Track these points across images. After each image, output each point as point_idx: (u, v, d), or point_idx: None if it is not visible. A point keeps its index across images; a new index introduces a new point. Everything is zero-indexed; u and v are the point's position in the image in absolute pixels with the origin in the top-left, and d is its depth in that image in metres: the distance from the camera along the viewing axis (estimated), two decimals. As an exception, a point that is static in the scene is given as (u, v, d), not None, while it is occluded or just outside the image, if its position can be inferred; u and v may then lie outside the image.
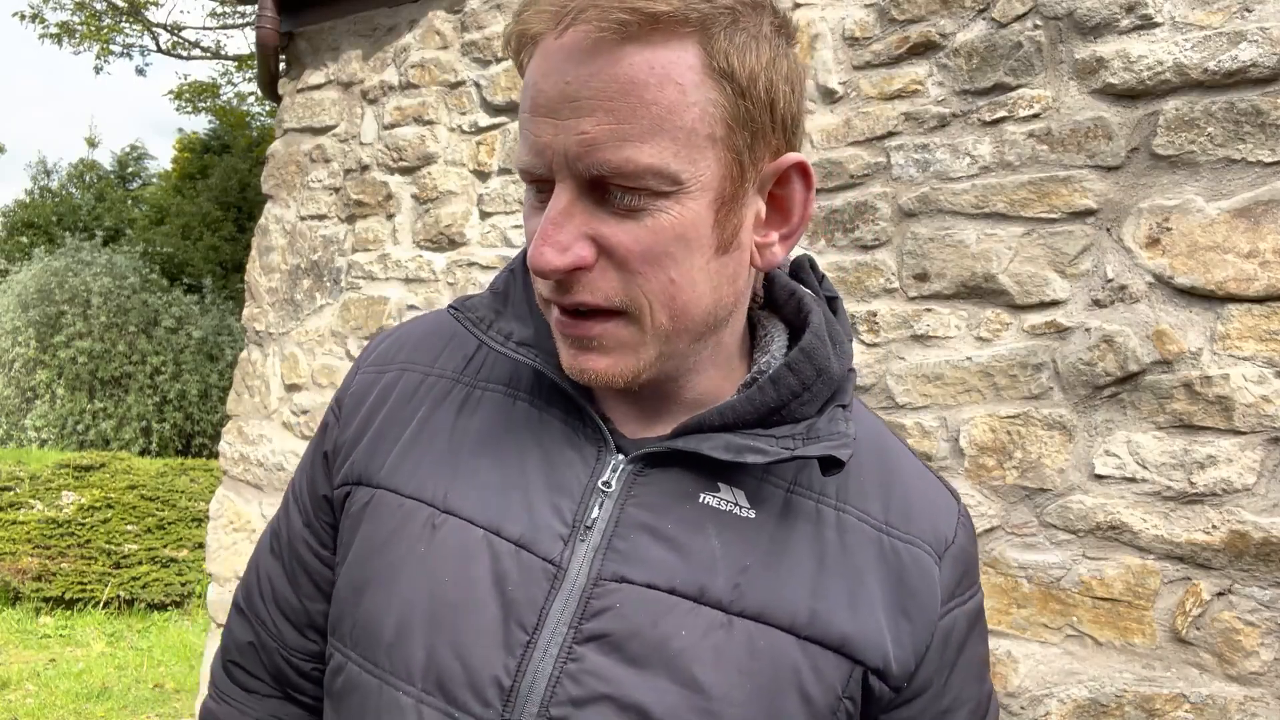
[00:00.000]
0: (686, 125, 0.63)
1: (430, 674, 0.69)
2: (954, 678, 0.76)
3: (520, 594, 0.69)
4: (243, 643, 0.90)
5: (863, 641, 0.70)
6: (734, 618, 0.69)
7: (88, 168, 20.55)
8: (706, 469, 0.72)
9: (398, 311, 3.29)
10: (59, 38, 14.18)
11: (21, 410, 11.38)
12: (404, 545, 0.73)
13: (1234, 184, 1.93)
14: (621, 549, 0.69)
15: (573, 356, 0.69)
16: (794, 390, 0.71)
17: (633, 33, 0.61)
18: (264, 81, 3.83)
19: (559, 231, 0.64)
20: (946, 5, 2.28)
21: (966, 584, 0.77)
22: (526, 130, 0.65)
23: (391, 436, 0.79)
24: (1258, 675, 1.85)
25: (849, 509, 0.74)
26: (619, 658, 0.67)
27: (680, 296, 0.66)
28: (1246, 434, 1.88)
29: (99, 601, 6.24)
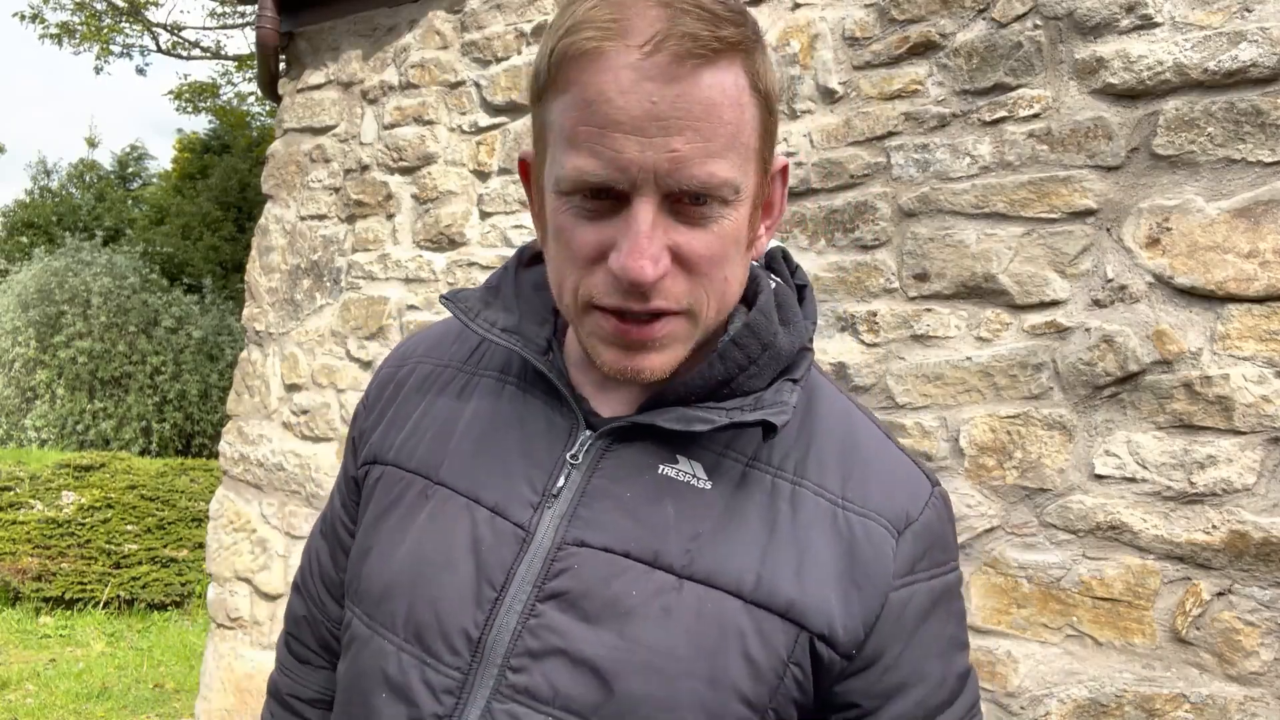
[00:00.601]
0: (744, 140, 0.71)
1: (410, 625, 0.77)
2: (910, 652, 0.77)
3: (492, 556, 0.76)
4: (298, 617, 1.02)
5: (808, 608, 0.74)
6: (684, 581, 0.74)
7: (88, 168, 20.54)
8: (669, 443, 0.78)
9: (397, 311, 3.29)
10: (59, 38, 14.18)
11: (21, 410, 11.38)
12: (400, 513, 0.83)
13: (1234, 184, 1.93)
14: (585, 516, 0.76)
15: (627, 359, 0.74)
16: (740, 364, 0.77)
17: (708, 58, 0.67)
18: (264, 81, 3.83)
19: (651, 245, 0.68)
20: (946, 5, 2.28)
21: (931, 561, 0.78)
22: (598, 145, 0.68)
23: (402, 420, 0.88)
24: (1258, 675, 1.85)
25: (806, 483, 0.78)
26: (574, 614, 0.73)
27: (728, 291, 0.75)
28: (1246, 434, 1.88)
29: (99, 601, 6.24)
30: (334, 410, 3.44)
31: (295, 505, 3.53)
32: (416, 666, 0.76)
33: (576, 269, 0.73)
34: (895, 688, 0.77)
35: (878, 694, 0.77)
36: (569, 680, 0.72)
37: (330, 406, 3.45)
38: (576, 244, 0.72)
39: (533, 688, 0.73)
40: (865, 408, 0.86)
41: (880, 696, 0.77)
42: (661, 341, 0.73)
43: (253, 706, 3.59)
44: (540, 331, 0.83)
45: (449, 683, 0.75)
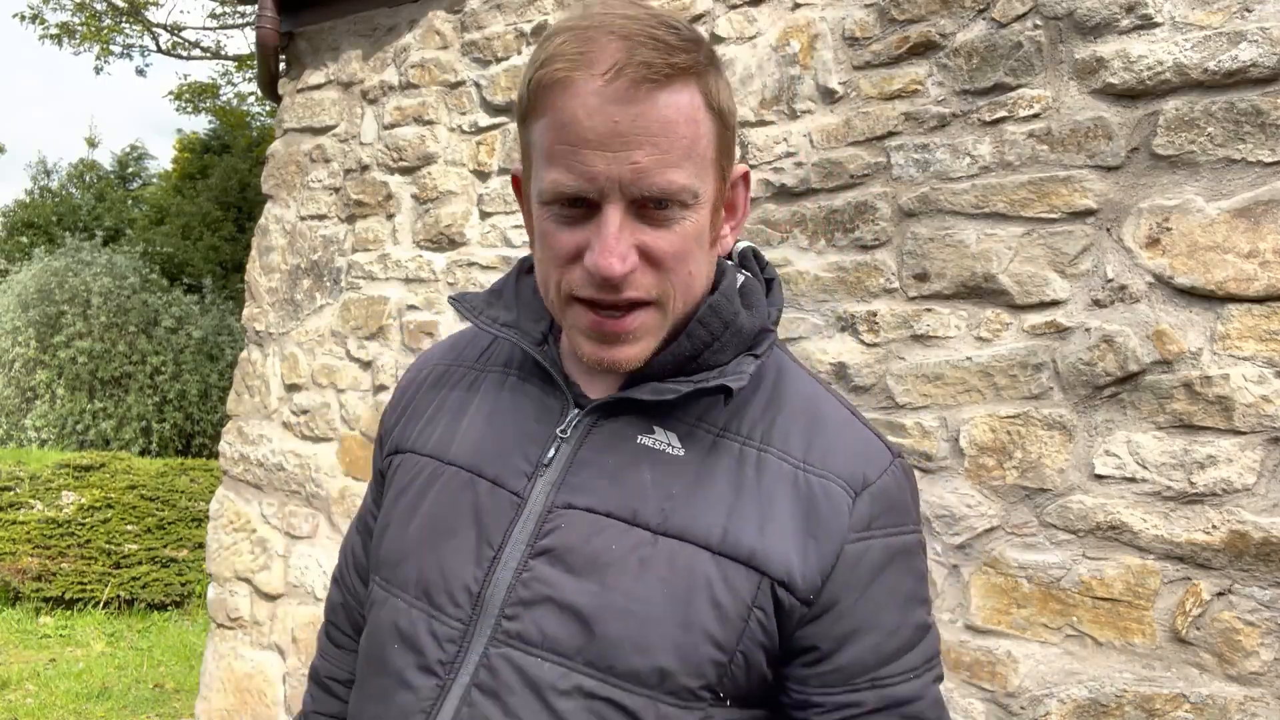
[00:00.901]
0: (700, 151, 0.81)
1: (420, 584, 0.89)
2: (865, 601, 0.84)
3: (491, 520, 0.87)
4: (335, 605, 1.15)
5: (768, 556, 0.82)
6: (659, 536, 0.83)
7: (88, 168, 20.53)
8: (647, 416, 0.88)
9: (397, 311, 3.29)
10: (59, 38, 14.17)
11: (21, 410, 11.37)
12: (415, 491, 0.94)
13: (1234, 184, 1.93)
14: (572, 483, 0.86)
15: (604, 350, 0.84)
16: (705, 341, 0.87)
17: (662, 82, 0.78)
18: (264, 81, 3.83)
19: (618, 244, 0.79)
20: (946, 5, 2.28)
21: (886, 521, 0.86)
22: (571, 160, 0.79)
23: (419, 413, 1.01)
24: (1258, 675, 1.85)
25: (770, 450, 0.87)
26: (561, 568, 0.83)
27: (693, 285, 0.85)
28: (1246, 434, 1.88)
29: (99, 601, 6.24)
30: (334, 410, 3.44)
31: (295, 505, 3.53)
32: (424, 619, 0.87)
33: (558, 267, 0.84)
34: (851, 632, 0.84)
35: (834, 637, 0.84)
36: (556, 625, 0.82)
37: (330, 406, 3.45)
38: (557, 246, 0.83)
39: (524, 633, 0.83)
40: (836, 391, 0.95)
41: (837, 640, 0.84)
42: (635, 334, 0.84)
43: (253, 706, 3.59)
44: (536, 326, 0.94)
45: (452, 632, 0.85)
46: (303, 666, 3.42)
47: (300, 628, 3.44)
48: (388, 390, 3.27)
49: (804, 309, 2.45)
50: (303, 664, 3.43)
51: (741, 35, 2.61)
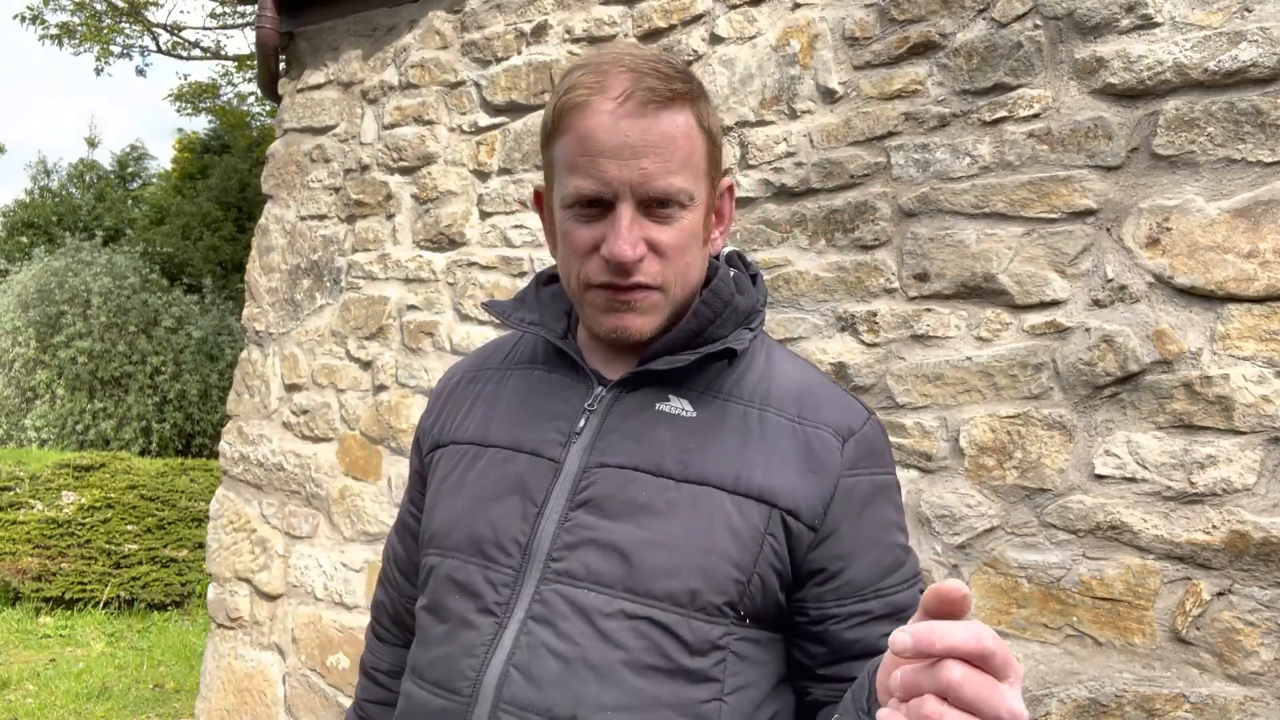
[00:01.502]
0: (695, 162, 0.98)
1: (472, 543, 1.02)
2: (861, 525, 1.00)
3: (532, 483, 1.01)
4: (378, 602, 1.28)
5: (777, 491, 0.97)
6: (681, 483, 0.97)
7: (88, 168, 20.51)
8: (661, 387, 1.03)
9: (398, 311, 3.29)
10: (59, 39, 14.17)
11: (21, 410, 11.36)
12: (459, 472, 1.08)
13: (1234, 184, 1.93)
14: (601, 446, 1.01)
15: (616, 319, 0.99)
16: (708, 318, 1.02)
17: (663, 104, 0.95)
18: (264, 81, 3.83)
19: (630, 234, 0.95)
20: (946, 5, 2.28)
21: (870, 462, 1.02)
22: (590, 169, 0.95)
23: (455, 413, 1.15)
24: (1258, 675, 1.85)
25: (769, 409, 1.02)
26: (599, 514, 0.97)
27: (690, 273, 1.01)
28: (1246, 434, 1.88)
29: (99, 601, 6.24)
30: (334, 410, 3.44)
31: (295, 505, 3.53)
32: (479, 570, 1.00)
33: (578, 259, 0.99)
34: (852, 551, 0.99)
35: (839, 556, 0.99)
36: (599, 561, 0.95)
37: (330, 406, 3.45)
38: (577, 241, 0.98)
39: (571, 570, 0.96)
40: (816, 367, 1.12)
41: (842, 558, 0.99)
42: (642, 307, 0.98)
43: (253, 706, 3.59)
44: (558, 324, 1.10)
45: (505, 577, 0.98)
46: (303, 666, 3.43)
47: (300, 628, 3.44)
48: (388, 390, 3.27)
49: (804, 309, 2.45)
50: (302, 664, 3.43)
51: (741, 35, 2.61)
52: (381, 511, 3.26)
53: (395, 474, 3.24)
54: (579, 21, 2.93)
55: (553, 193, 1.02)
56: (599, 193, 0.95)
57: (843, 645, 0.99)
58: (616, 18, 2.86)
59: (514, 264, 3.02)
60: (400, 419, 3.22)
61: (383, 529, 3.25)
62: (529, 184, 3.01)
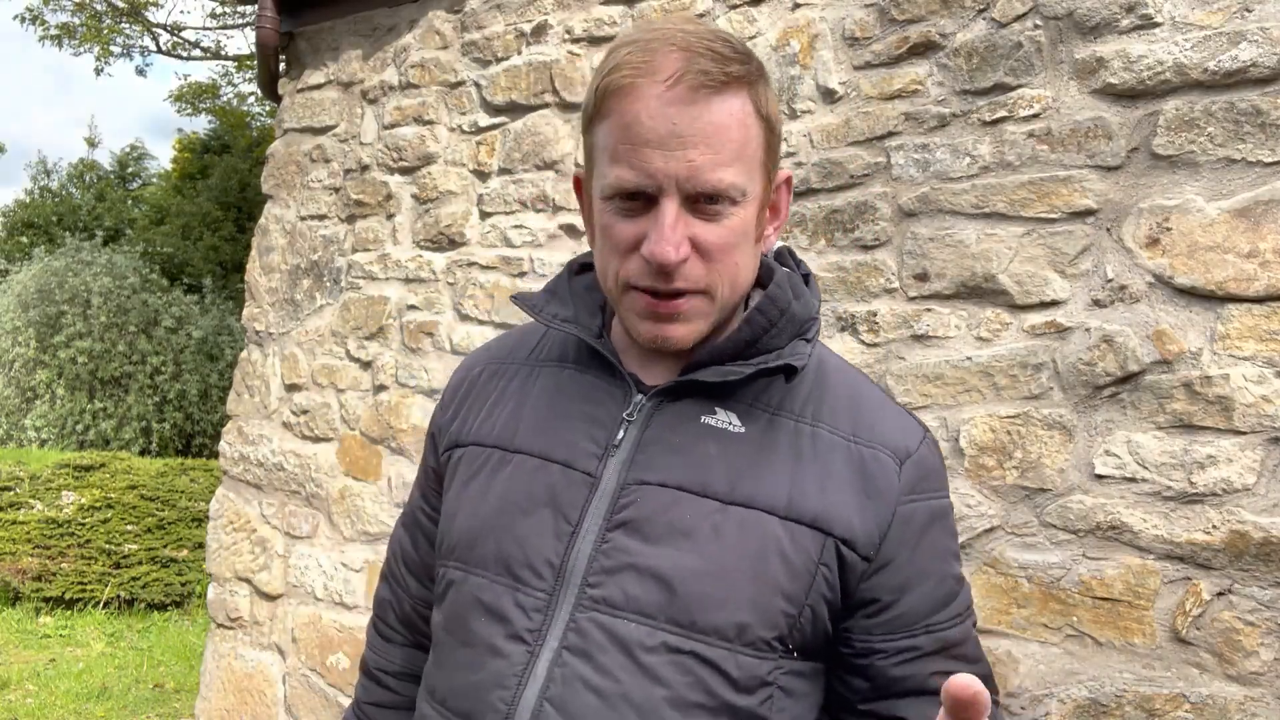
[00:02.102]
0: (750, 153, 0.88)
1: (500, 561, 0.93)
2: (917, 555, 0.94)
3: (566, 499, 0.93)
4: (383, 600, 1.20)
5: (831, 518, 0.90)
6: (728, 505, 0.90)
7: (88, 168, 20.52)
8: (707, 398, 0.95)
9: (398, 311, 3.29)
10: (59, 39, 14.17)
11: (21, 410, 11.36)
12: (483, 478, 0.99)
13: (1234, 184, 1.93)
14: (641, 460, 0.92)
15: (657, 328, 0.91)
16: (764, 327, 0.94)
17: (717, 88, 0.85)
18: (264, 81, 3.83)
19: (673, 234, 0.86)
20: (946, 5, 2.28)
21: (926, 486, 0.95)
22: (632, 158, 0.86)
23: (476, 410, 1.06)
24: (1258, 675, 1.85)
25: (821, 425, 0.95)
26: (639, 537, 0.89)
27: (740, 276, 0.92)
28: (1246, 434, 1.88)
29: (99, 601, 6.24)
30: (334, 410, 3.44)
31: (295, 505, 3.53)
32: (508, 592, 0.92)
33: (617, 257, 0.90)
34: (906, 583, 0.93)
35: (892, 588, 0.93)
36: (639, 589, 0.88)
37: (330, 406, 3.45)
38: (617, 237, 0.90)
39: (609, 598, 0.89)
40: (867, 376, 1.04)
41: (895, 591, 0.93)
42: (685, 315, 0.90)
43: (252, 706, 3.59)
44: (593, 321, 1.01)
45: (537, 602, 0.91)
46: (302, 666, 3.43)
47: (300, 628, 3.44)
48: (388, 390, 3.27)
49: (804, 309, 2.44)
50: (302, 664, 3.43)
51: (741, 35, 2.61)
52: (381, 511, 3.26)
53: (395, 474, 3.24)
54: (579, 21, 2.93)
55: (592, 180, 0.94)
56: (641, 185, 0.86)
57: (887, 682, 0.94)
58: (616, 17, 2.86)
59: (514, 264, 3.02)
60: (400, 419, 3.22)
61: (383, 529, 3.25)
62: (529, 184, 3.01)
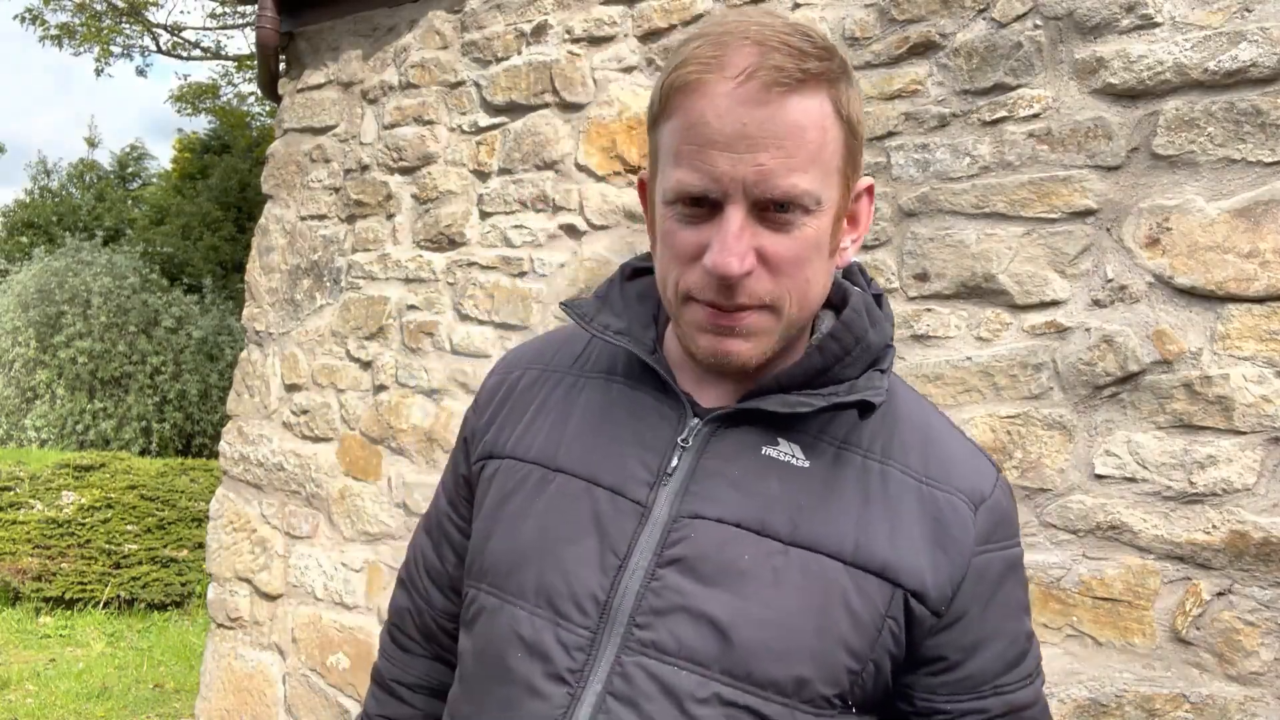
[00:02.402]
0: (826, 158, 0.81)
1: (541, 592, 0.87)
2: (990, 611, 0.87)
3: (614, 528, 0.86)
4: (401, 608, 1.13)
5: (902, 568, 0.84)
6: (790, 547, 0.84)
7: (88, 168, 20.51)
8: (769, 428, 0.88)
9: (398, 311, 3.29)
10: (59, 39, 14.17)
11: (21, 410, 11.36)
12: (521, 497, 0.92)
13: (1234, 184, 1.93)
14: (696, 491, 0.86)
15: (717, 343, 0.84)
16: (836, 355, 0.87)
17: (793, 86, 0.78)
18: (264, 81, 3.83)
19: (738, 244, 0.79)
20: (946, 5, 2.28)
21: (1002, 535, 0.89)
22: (697, 160, 0.80)
23: (515, 419, 0.99)
24: (1258, 675, 1.85)
25: (892, 463, 0.88)
26: (693, 577, 0.83)
27: (810, 292, 0.85)
28: (1246, 434, 1.88)
29: (99, 601, 6.24)
30: (334, 410, 3.44)
31: (295, 505, 3.53)
32: (550, 628, 0.86)
33: (678, 266, 0.84)
34: (977, 642, 0.87)
35: (963, 647, 0.87)
36: (692, 634, 0.82)
37: (330, 406, 3.45)
38: (678, 245, 0.83)
39: (659, 642, 0.82)
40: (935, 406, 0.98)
41: (965, 649, 0.87)
42: (748, 329, 0.83)
43: (253, 706, 3.59)
44: (646, 334, 0.93)
45: (579, 640, 0.85)
46: (303, 667, 3.43)
47: (300, 628, 3.44)
48: (388, 390, 3.27)
49: (804, 309, 2.45)
50: (302, 664, 3.43)
51: (741, 35, 2.61)
52: (381, 511, 3.26)
53: (395, 474, 3.24)
54: (579, 21, 2.93)
55: (655, 183, 0.87)
56: (706, 190, 0.80)
57: None
58: (616, 18, 2.86)
59: (514, 264, 3.02)
60: (400, 419, 3.22)
61: (383, 529, 3.25)
62: (529, 184, 3.01)
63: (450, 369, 3.13)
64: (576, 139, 2.92)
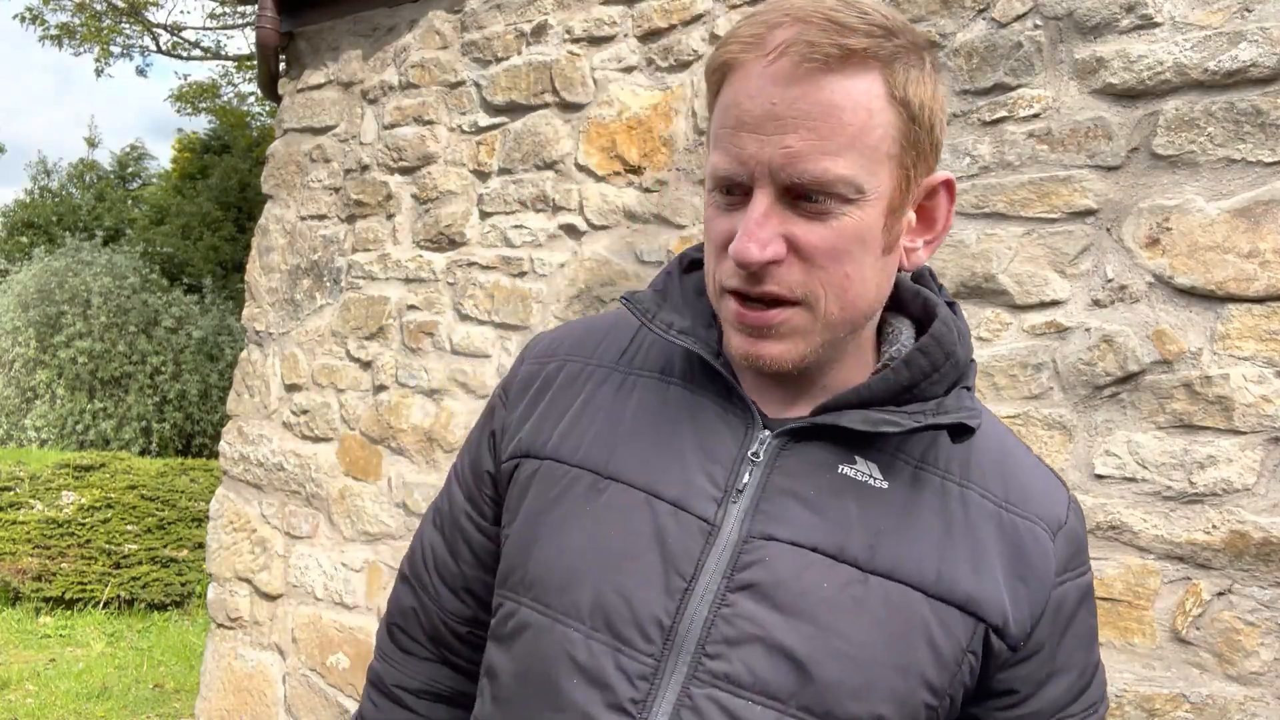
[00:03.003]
0: (871, 143, 0.74)
1: (598, 613, 0.80)
2: (1064, 643, 0.84)
3: (678, 547, 0.79)
4: (405, 608, 1.04)
5: (985, 601, 0.79)
6: (869, 575, 0.78)
7: (88, 168, 20.52)
8: (844, 444, 0.81)
9: (398, 311, 3.29)
10: (59, 39, 14.17)
11: (21, 410, 11.37)
12: (570, 505, 0.84)
13: (1234, 184, 1.93)
14: (768, 511, 0.79)
15: (750, 344, 0.79)
16: (925, 371, 0.81)
17: (832, 64, 0.72)
18: (264, 81, 3.83)
19: (761, 230, 0.74)
20: (946, 5, 2.28)
21: (1077, 562, 0.85)
22: (728, 143, 0.75)
23: (555, 416, 0.90)
24: (1258, 675, 1.85)
25: (971, 486, 0.83)
26: (768, 605, 0.77)
27: (851, 289, 0.77)
28: (1246, 434, 1.88)
29: (99, 601, 6.24)
30: (334, 410, 3.44)
31: (295, 505, 3.53)
32: (609, 653, 0.79)
33: (714, 255, 0.80)
34: (1050, 675, 0.84)
35: (1036, 680, 0.84)
36: (767, 667, 0.76)
37: (330, 406, 3.45)
38: (714, 233, 0.79)
39: (732, 674, 0.77)
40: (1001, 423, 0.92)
41: (1037, 683, 0.84)
42: (779, 329, 0.78)
43: (253, 706, 3.59)
44: (710, 334, 0.86)
45: (643, 669, 0.78)
46: (302, 666, 3.43)
47: (300, 628, 3.44)
48: (388, 390, 3.27)
49: (804, 309, 2.45)
50: (302, 664, 3.43)
51: (741, 35, 2.61)
52: (382, 511, 3.26)
53: (395, 474, 3.24)
54: (579, 21, 2.93)
55: None
56: (732, 173, 0.75)
57: None
58: (616, 18, 2.86)
59: (514, 264, 3.02)
60: (400, 419, 3.22)
61: (383, 529, 3.25)
62: (529, 184, 3.01)
63: (450, 369, 3.13)
64: (576, 139, 2.92)
